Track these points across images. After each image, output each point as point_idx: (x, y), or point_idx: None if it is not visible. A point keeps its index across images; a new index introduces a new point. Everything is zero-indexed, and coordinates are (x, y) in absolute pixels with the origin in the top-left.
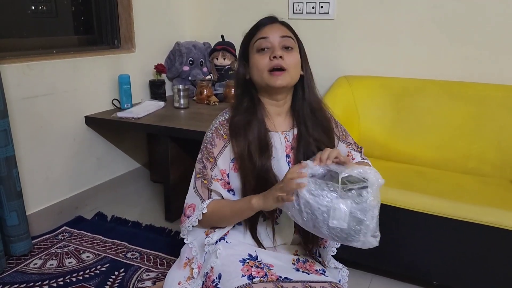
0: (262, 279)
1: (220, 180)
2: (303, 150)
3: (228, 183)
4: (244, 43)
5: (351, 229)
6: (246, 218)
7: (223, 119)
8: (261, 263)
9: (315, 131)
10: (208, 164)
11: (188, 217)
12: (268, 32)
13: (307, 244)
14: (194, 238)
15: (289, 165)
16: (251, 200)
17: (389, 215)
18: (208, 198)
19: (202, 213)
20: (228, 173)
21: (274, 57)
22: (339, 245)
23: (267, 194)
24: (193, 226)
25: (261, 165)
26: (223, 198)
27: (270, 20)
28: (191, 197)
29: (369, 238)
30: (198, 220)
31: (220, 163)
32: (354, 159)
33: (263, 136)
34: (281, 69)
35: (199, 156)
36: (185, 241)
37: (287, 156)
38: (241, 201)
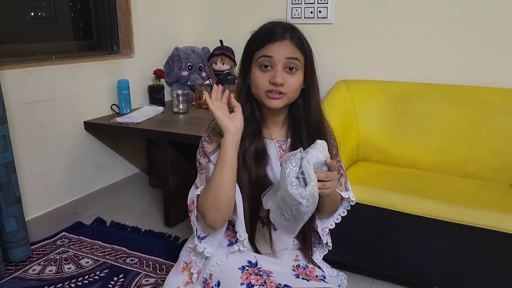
0: (261, 287)
1: None
2: None
3: None
4: (249, 47)
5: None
6: (232, 164)
7: None
8: (260, 270)
9: (309, 141)
10: (204, 159)
11: (191, 212)
12: (274, 50)
13: (306, 249)
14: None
15: None
16: (221, 143)
17: (389, 219)
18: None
19: (196, 195)
20: None
21: (274, 82)
22: (331, 246)
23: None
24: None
25: (257, 174)
26: None
27: (281, 35)
28: (191, 193)
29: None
30: (197, 209)
31: (215, 158)
32: None
33: (260, 145)
34: (279, 92)
35: (197, 155)
36: (199, 249)
37: (281, 164)
38: (218, 155)
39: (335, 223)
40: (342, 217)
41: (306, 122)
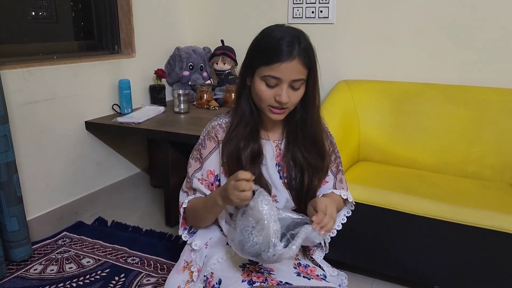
0: (262, 284)
1: (205, 180)
2: (291, 160)
3: (212, 184)
4: (254, 57)
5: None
6: (218, 214)
7: (216, 123)
8: (261, 268)
9: (304, 143)
10: (195, 164)
11: (181, 215)
12: (282, 71)
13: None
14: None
15: (279, 173)
16: (216, 198)
17: (389, 219)
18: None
19: (183, 207)
20: (218, 175)
21: (280, 101)
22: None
23: (226, 195)
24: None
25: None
26: None
27: (289, 53)
28: (181, 196)
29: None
30: (183, 217)
31: (208, 164)
32: (327, 182)
33: (257, 147)
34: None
35: (190, 159)
36: (183, 238)
37: (278, 164)
38: (209, 197)
39: (342, 224)
40: (347, 217)
41: (303, 124)
